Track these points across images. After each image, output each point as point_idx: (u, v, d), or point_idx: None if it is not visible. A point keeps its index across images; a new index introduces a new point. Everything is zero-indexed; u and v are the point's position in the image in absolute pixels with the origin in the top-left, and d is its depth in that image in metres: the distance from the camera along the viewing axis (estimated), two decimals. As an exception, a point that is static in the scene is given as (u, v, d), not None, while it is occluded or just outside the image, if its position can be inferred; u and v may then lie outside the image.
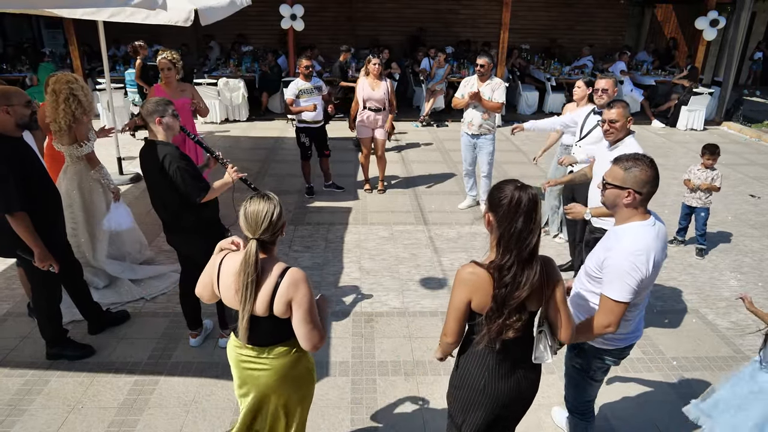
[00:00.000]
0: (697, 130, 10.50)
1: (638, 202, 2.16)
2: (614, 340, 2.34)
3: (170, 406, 3.17)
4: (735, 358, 3.74)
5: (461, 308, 1.96)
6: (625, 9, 14.41)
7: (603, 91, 4.16)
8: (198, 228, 3.30)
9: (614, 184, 2.19)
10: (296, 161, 7.93)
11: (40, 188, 3.19)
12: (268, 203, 2.02)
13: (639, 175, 2.14)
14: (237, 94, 10.14)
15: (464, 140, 5.98)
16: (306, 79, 6.09)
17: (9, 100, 2.99)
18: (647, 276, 2.13)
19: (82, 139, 4.01)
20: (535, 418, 3.14)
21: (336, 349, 3.71)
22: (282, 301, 2.02)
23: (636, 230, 2.15)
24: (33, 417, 3.06)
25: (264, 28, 13.02)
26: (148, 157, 3.19)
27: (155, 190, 3.28)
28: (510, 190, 1.86)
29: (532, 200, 1.85)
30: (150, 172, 3.22)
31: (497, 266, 1.89)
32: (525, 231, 1.83)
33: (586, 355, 2.44)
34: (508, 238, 1.86)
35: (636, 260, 2.10)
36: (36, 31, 14.29)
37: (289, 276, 2.03)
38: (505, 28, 10.22)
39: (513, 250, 1.86)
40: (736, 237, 5.73)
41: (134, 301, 4.24)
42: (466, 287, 1.93)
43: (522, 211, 1.83)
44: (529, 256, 1.87)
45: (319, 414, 3.13)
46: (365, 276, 4.71)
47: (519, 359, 2.05)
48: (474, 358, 2.07)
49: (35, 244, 3.09)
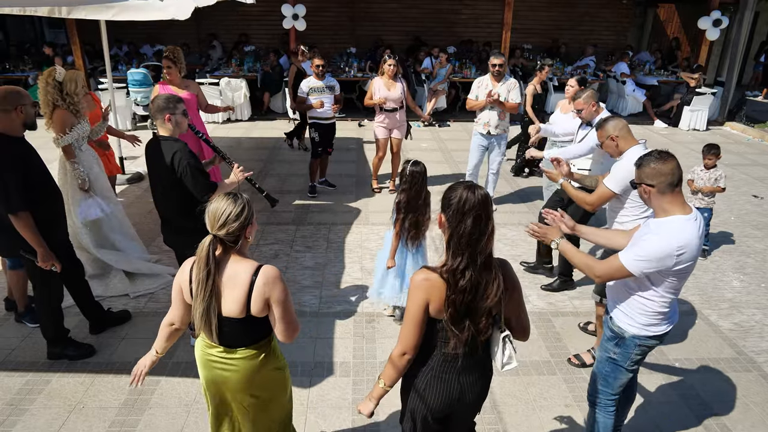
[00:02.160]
0: (700, 131, 10.47)
1: (658, 193, 2.25)
2: (656, 326, 2.43)
3: (171, 406, 3.17)
4: (737, 360, 3.73)
5: (419, 315, 1.89)
6: (627, 9, 14.38)
7: (578, 112, 4.26)
8: (199, 228, 3.27)
9: (636, 183, 2.35)
10: (298, 161, 7.94)
11: (41, 188, 3.20)
12: (230, 202, 2.01)
13: (646, 170, 2.28)
14: (239, 94, 10.14)
15: (477, 141, 5.87)
16: (318, 78, 6.09)
17: (21, 100, 3.06)
18: (676, 267, 2.22)
19: (59, 130, 4.06)
20: (536, 419, 3.13)
21: (337, 350, 3.70)
22: (259, 299, 2.01)
23: (681, 222, 2.23)
24: (34, 417, 3.07)
25: (266, 28, 13.01)
26: (157, 152, 3.16)
27: (160, 187, 3.26)
28: (460, 190, 1.85)
29: (481, 201, 1.82)
30: (157, 168, 3.20)
31: (450, 269, 1.85)
32: (475, 232, 1.81)
33: (627, 344, 2.49)
34: (457, 239, 1.84)
35: (674, 251, 2.18)
36: (38, 30, 14.32)
37: (263, 274, 2.01)
38: (507, 28, 10.20)
39: (464, 252, 1.83)
40: (739, 238, 5.71)
41: (119, 296, 4.26)
42: (421, 292, 1.88)
43: (470, 211, 1.81)
44: (486, 260, 1.84)
45: (320, 414, 3.13)
46: (367, 276, 4.70)
47: (466, 366, 1.99)
48: (421, 361, 2.02)
49: (38, 244, 3.10)
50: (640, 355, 2.52)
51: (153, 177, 3.29)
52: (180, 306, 2.19)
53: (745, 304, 4.44)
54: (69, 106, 4.09)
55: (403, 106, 6.29)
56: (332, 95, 6.22)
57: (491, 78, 5.65)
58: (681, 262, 2.21)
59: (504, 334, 1.97)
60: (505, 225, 5.85)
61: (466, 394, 2.03)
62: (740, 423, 3.15)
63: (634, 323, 2.44)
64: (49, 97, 4.04)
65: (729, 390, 3.43)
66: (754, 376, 3.56)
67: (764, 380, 3.53)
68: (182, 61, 5.18)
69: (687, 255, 2.21)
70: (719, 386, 3.47)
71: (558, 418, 3.15)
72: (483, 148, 5.90)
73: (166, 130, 3.19)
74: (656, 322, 2.42)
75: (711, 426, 3.13)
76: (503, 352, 1.97)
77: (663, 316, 2.42)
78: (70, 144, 4.15)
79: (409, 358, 1.97)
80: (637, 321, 2.43)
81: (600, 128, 3.26)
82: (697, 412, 3.22)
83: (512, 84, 5.63)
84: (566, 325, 4.07)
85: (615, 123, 3.20)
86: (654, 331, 2.43)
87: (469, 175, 6.15)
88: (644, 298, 2.39)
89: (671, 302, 2.40)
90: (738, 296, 4.57)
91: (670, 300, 2.38)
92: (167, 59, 5.09)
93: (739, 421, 3.17)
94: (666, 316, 2.43)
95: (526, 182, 7.29)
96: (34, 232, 3.06)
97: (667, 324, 2.46)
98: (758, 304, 4.45)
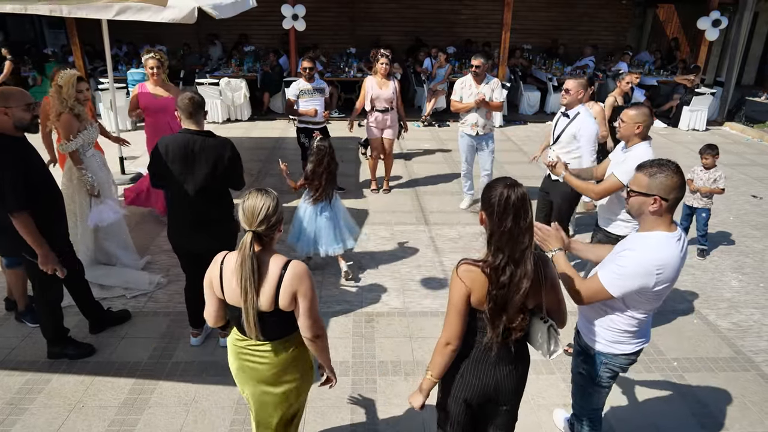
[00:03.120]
0: (699, 131, 10.48)
1: (664, 209, 2.09)
2: (622, 344, 2.32)
3: (171, 405, 3.18)
4: (736, 359, 3.74)
5: (461, 304, 1.95)
6: (626, 9, 14.38)
7: (566, 91, 4.25)
8: (230, 216, 3.37)
9: (639, 192, 2.12)
10: (297, 161, 7.94)
11: (42, 188, 3.19)
12: (266, 197, 2.06)
13: (665, 182, 2.07)
14: (239, 94, 10.14)
15: (465, 142, 5.96)
16: (308, 80, 6.08)
17: (6, 102, 2.98)
18: (656, 288, 2.11)
19: (64, 136, 4.09)
20: (535, 419, 3.14)
21: (336, 349, 3.71)
22: (287, 293, 2.06)
23: (661, 239, 2.10)
24: (34, 416, 3.07)
25: (266, 29, 13.02)
26: (198, 147, 3.14)
27: (199, 181, 3.16)
28: (500, 188, 1.89)
29: (521, 198, 1.86)
30: (196, 163, 3.15)
31: (492, 266, 1.89)
32: (515, 230, 1.85)
33: (593, 361, 2.42)
34: (498, 236, 1.88)
35: (653, 268, 2.06)
36: (38, 30, 14.32)
37: (291, 269, 2.07)
38: (507, 28, 10.20)
39: (504, 249, 1.87)
40: (737, 238, 5.72)
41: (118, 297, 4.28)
42: (464, 282, 1.93)
43: (511, 210, 1.85)
44: (520, 255, 1.88)
45: (319, 414, 3.14)
46: (367, 276, 4.71)
47: (502, 358, 2.05)
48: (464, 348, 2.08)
49: (38, 245, 3.09)
50: (608, 374, 2.42)
51: (186, 173, 3.15)
52: (213, 302, 2.23)
53: (744, 304, 4.45)
54: (70, 110, 4.07)
55: (393, 107, 6.26)
56: (322, 98, 6.19)
57: (473, 79, 5.67)
58: (659, 283, 2.09)
59: (548, 324, 2.01)
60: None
61: (501, 384, 2.08)
62: (738, 422, 3.16)
63: (600, 339, 2.35)
64: (54, 100, 4.08)
65: (727, 389, 3.44)
66: (752, 376, 3.57)
67: (762, 380, 3.54)
68: (166, 67, 5.36)
69: (665, 275, 2.09)
70: (717, 386, 3.47)
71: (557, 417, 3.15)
72: (473, 148, 5.97)
73: (200, 125, 3.23)
74: (623, 340, 2.31)
75: (709, 425, 3.14)
76: (549, 340, 2.02)
77: (631, 335, 2.30)
78: (76, 150, 4.16)
79: (453, 348, 2.02)
80: (602, 337, 2.34)
81: (632, 110, 3.25)
82: (695, 411, 3.23)
83: (495, 83, 5.67)
84: (565, 324, 4.08)
85: (646, 112, 3.24)
86: (620, 349, 2.32)
87: (465, 175, 6.19)
88: (612, 315, 2.29)
89: (640, 323, 2.28)
90: (736, 296, 4.58)
91: (639, 320, 2.26)
92: (156, 60, 5.18)
93: (737, 420, 3.17)
94: (634, 335, 2.31)
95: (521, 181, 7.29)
96: (33, 232, 3.06)
97: (636, 344, 2.34)
98: (756, 304, 4.46)
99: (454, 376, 2.12)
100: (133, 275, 4.52)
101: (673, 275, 2.14)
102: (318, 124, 6.23)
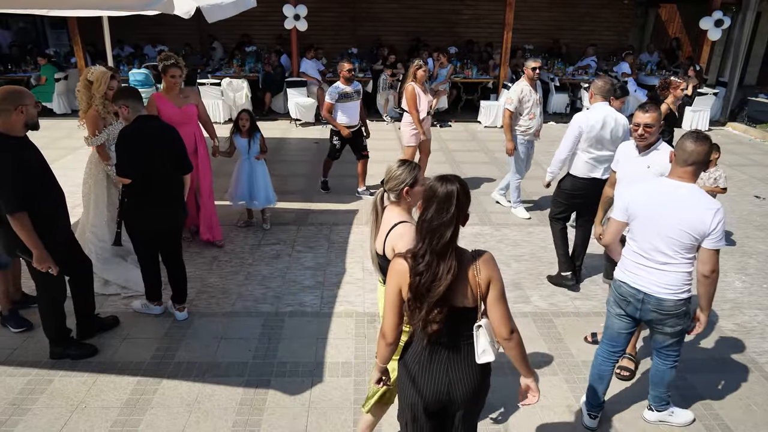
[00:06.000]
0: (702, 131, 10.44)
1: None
2: (621, 271, 2.87)
3: (173, 406, 3.18)
4: (740, 360, 3.72)
5: (394, 299, 2.02)
6: (628, 9, 14.36)
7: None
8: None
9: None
10: (299, 161, 7.95)
11: (43, 187, 3.19)
12: (402, 168, 2.45)
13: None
14: (240, 94, 10.14)
15: (525, 149, 5.88)
16: (347, 83, 6.01)
17: (23, 100, 3.04)
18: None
19: (90, 131, 4.19)
20: (537, 419, 3.13)
21: (338, 350, 3.70)
22: (389, 245, 2.38)
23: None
24: (36, 416, 3.07)
25: (267, 29, 13.02)
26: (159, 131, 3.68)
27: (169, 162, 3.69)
28: (434, 181, 1.98)
29: (449, 194, 1.92)
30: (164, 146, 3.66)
31: (412, 253, 1.98)
32: (436, 221, 1.91)
33: (612, 288, 2.93)
34: (420, 225, 1.97)
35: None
36: (40, 31, 14.34)
37: (397, 227, 2.37)
38: (509, 29, 10.19)
39: (425, 238, 1.94)
40: (740, 239, 5.70)
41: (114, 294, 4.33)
42: (395, 276, 2.00)
43: (435, 202, 1.92)
44: (442, 249, 1.91)
45: (321, 415, 3.13)
46: (368, 276, 4.70)
47: (453, 359, 2.03)
48: (412, 351, 2.12)
49: (34, 246, 3.08)
50: (613, 296, 2.89)
51: (158, 159, 3.61)
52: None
53: (747, 305, 4.44)
54: (98, 106, 4.18)
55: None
56: (359, 100, 6.18)
57: (529, 83, 5.61)
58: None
59: (476, 324, 1.99)
60: (507, 225, 5.85)
61: (455, 388, 2.05)
62: (742, 424, 3.15)
63: (618, 268, 2.87)
64: (83, 95, 4.16)
65: (731, 391, 3.42)
66: (756, 377, 3.56)
67: (766, 381, 3.52)
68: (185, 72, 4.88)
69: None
70: (721, 387, 3.46)
71: (559, 420, 3.15)
72: (529, 155, 6.01)
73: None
74: (626, 265, 2.81)
75: (713, 427, 3.12)
76: (477, 342, 2.00)
77: (630, 264, 2.77)
78: (103, 145, 4.24)
79: (389, 342, 2.09)
80: (619, 265, 2.86)
81: (657, 111, 3.27)
82: (698, 413, 3.21)
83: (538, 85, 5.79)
84: (567, 325, 4.07)
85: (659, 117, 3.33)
86: (618, 276, 2.82)
87: (519, 185, 6.11)
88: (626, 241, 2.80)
89: (637, 257, 2.72)
90: (740, 297, 4.56)
91: (634, 250, 2.73)
92: (176, 67, 4.60)
93: (741, 422, 3.16)
94: (632, 264, 2.76)
95: (527, 183, 7.27)
96: (30, 233, 3.04)
97: (628, 275, 2.77)
98: (760, 305, 4.44)
99: (407, 380, 2.11)
100: (134, 275, 4.51)
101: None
102: (352, 126, 6.19)
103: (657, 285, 2.68)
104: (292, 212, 6.06)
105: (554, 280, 4.64)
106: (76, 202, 4.95)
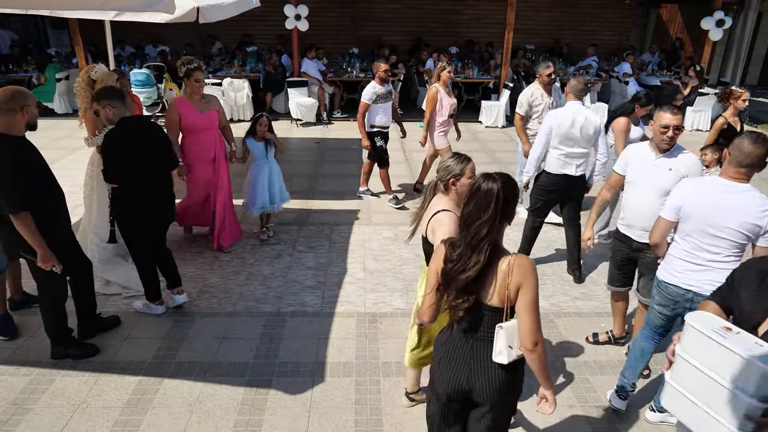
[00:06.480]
0: (703, 131, 10.44)
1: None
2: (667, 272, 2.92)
3: (174, 405, 3.18)
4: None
5: (432, 280, 2.12)
6: (630, 9, 14.35)
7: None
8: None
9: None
10: (300, 161, 7.95)
11: (44, 186, 3.20)
12: (453, 159, 2.60)
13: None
14: (241, 94, 10.15)
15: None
16: (382, 83, 6.00)
17: (26, 101, 3.07)
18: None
19: (90, 131, 4.17)
20: (539, 420, 3.13)
21: (340, 350, 3.71)
22: (429, 230, 2.56)
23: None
24: (38, 416, 3.07)
25: (268, 29, 13.03)
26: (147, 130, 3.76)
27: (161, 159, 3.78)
28: (480, 176, 2.05)
29: (489, 191, 1.97)
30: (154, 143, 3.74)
31: (450, 242, 2.08)
32: (474, 216, 1.98)
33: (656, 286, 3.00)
34: (460, 217, 2.07)
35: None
36: (42, 31, 14.35)
37: (438, 215, 2.52)
38: (510, 29, 10.18)
39: (463, 230, 2.03)
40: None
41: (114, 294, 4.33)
42: (436, 260, 2.11)
43: (475, 197, 2.00)
44: (477, 243, 1.97)
45: (322, 415, 3.13)
46: (369, 276, 4.71)
47: (476, 350, 2.08)
48: (444, 333, 2.23)
49: (38, 245, 3.09)
50: (660, 298, 2.92)
51: (151, 157, 3.69)
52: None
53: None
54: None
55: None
56: (392, 100, 6.16)
57: (542, 87, 5.55)
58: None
59: (498, 324, 2.02)
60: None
61: (475, 379, 2.08)
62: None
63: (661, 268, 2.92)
64: (83, 93, 4.15)
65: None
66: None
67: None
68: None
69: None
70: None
71: (561, 420, 3.15)
72: None
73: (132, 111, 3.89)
74: (673, 266, 2.83)
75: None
76: (496, 342, 2.03)
77: (678, 264, 2.79)
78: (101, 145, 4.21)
79: (423, 322, 2.20)
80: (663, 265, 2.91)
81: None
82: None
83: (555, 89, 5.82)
84: (569, 325, 4.07)
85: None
86: (665, 278, 2.85)
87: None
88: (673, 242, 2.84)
89: (686, 256, 2.76)
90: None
91: (685, 249, 2.76)
92: (201, 71, 4.49)
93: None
94: (680, 264, 2.79)
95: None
96: (33, 232, 3.06)
97: (676, 276, 2.80)
98: (762, 305, 4.43)
99: (436, 358, 2.21)
100: (135, 275, 4.51)
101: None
102: (385, 127, 6.17)
103: (706, 283, 2.68)
104: (293, 212, 6.06)
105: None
106: (76, 202, 4.94)
